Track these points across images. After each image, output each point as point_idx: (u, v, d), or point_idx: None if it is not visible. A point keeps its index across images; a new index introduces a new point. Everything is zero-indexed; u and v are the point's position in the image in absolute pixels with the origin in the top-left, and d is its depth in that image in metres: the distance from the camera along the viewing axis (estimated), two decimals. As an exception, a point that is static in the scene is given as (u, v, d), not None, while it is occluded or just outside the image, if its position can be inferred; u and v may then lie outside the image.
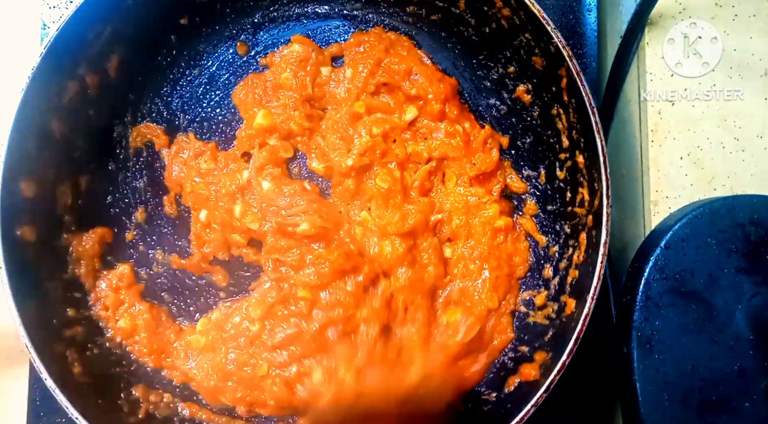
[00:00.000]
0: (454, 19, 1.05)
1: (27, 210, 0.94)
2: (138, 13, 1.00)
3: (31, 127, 0.93)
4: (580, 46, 1.07)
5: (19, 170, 0.92)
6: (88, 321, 1.01)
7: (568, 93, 0.93)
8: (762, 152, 0.97)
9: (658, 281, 0.87)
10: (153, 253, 1.08)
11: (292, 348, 0.99)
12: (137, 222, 1.08)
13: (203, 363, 1.02)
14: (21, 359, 1.08)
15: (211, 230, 1.05)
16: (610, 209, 0.87)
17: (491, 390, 1.01)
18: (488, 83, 1.08)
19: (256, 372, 1.00)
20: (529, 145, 1.07)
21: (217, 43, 1.10)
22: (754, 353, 0.85)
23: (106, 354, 1.01)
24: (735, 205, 0.88)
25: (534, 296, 1.04)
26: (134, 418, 0.97)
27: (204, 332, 1.03)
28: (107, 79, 1.03)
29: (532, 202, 1.06)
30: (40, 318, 0.92)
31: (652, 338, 0.86)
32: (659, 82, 0.99)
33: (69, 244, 1.01)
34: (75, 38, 0.93)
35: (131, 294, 1.04)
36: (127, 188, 1.08)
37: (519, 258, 1.05)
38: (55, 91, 0.96)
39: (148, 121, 1.09)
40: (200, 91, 1.10)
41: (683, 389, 0.85)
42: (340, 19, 1.10)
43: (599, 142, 0.86)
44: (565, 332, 0.91)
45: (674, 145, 0.98)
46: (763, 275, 0.86)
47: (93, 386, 0.95)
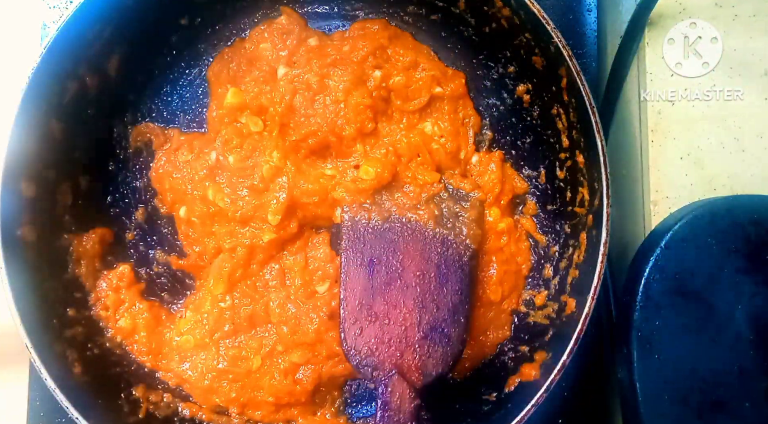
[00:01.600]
0: (454, 19, 1.05)
1: (27, 210, 0.94)
2: (138, 13, 1.00)
3: (31, 127, 0.92)
4: (580, 46, 1.07)
5: (19, 170, 0.92)
6: (88, 321, 1.01)
7: (568, 93, 0.93)
8: (762, 152, 0.97)
9: (658, 281, 0.87)
10: (153, 253, 1.08)
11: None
12: (137, 222, 1.08)
13: (197, 364, 1.02)
14: (21, 359, 1.08)
15: (193, 225, 1.05)
16: (610, 209, 0.87)
17: (491, 390, 1.01)
18: (488, 83, 1.08)
19: (250, 367, 1.00)
20: (529, 145, 1.07)
21: (217, 43, 1.09)
22: (754, 353, 0.85)
23: (106, 354, 1.01)
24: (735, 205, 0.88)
25: (534, 296, 1.04)
26: (134, 418, 0.97)
27: (190, 331, 1.03)
28: (107, 79, 1.03)
29: (532, 202, 1.06)
30: (40, 318, 0.92)
31: (652, 338, 0.86)
32: (659, 82, 0.99)
33: (69, 244, 1.01)
34: (75, 38, 0.93)
35: (131, 294, 1.04)
36: (127, 188, 1.08)
37: (521, 258, 1.05)
38: (55, 91, 0.96)
39: (148, 121, 1.09)
40: (200, 91, 1.10)
41: (683, 389, 0.85)
42: (340, 19, 1.09)
43: (599, 142, 0.86)
44: (565, 332, 0.91)
45: (674, 145, 0.98)
46: (763, 275, 0.86)
47: (93, 386, 0.95)
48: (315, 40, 1.04)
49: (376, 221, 0.98)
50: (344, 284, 0.95)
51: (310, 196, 1.00)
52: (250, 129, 1.03)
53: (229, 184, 1.03)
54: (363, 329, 0.93)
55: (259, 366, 1.00)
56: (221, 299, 1.02)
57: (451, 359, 0.92)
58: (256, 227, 1.02)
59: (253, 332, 1.02)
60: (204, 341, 1.02)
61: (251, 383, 1.01)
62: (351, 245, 0.97)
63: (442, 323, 0.93)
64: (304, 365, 1.01)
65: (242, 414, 1.02)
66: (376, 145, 1.03)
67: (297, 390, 1.00)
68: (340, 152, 1.03)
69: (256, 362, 1.00)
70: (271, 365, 1.01)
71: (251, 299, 1.02)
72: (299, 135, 1.01)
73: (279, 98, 1.01)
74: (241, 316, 1.02)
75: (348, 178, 1.01)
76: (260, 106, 1.03)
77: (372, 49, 1.02)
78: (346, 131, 1.00)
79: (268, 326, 1.02)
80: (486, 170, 1.05)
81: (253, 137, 1.03)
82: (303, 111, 1.01)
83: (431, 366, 0.91)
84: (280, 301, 1.01)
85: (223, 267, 1.02)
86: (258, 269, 1.03)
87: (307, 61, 1.02)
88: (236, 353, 1.01)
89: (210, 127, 1.07)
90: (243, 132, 1.04)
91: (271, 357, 1.01)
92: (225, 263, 1.02)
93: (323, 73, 1.01)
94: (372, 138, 1.03)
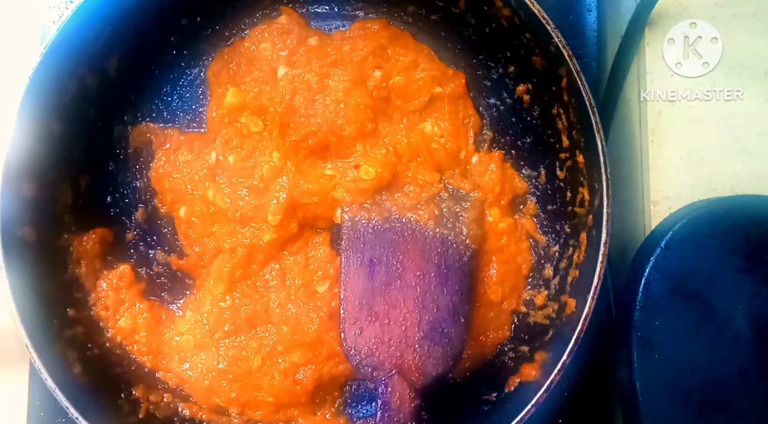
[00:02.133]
0: (454, 19, 1.05)
1: (27, 210, 0.94)
2: (138, 13, 1.00)
3: (31, 127, 0.92)
4: (580, 46, 1.07)
5: (19, 170, 0.92)
6: (88, 321, 1.01)
7: (568, 93, 0.93)
8: (762, 152, 0.97)
9: (658, 281, 0.87)
10: (153, 253, 1.08)
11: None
12: (137, 222, 1.08)
13: (197, 364, 1.02)
14: (21, 359, 1.08)
15: (193, 225, 1.05)
16: (610, 209, 0.87)
17: (491, 390, 1.01)
18: (488, 83, 1.08)
19: (251, 367, 1.00)
20: (529, 145, 1.07)
21: (217, 43, 1.09)
22: (754, 353, 0.85)
23: (106, 354, 1.01)
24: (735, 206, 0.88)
25: (534, 296, 1.04)
26: (134, 418, 0.97)
27: (190, 331, 1.03)
28: (107, 79, 1.03)
29: (532, 202, 1.06)
30: (40, 318, 0.92)
31: (652, 338, 0.86)
32: (659, 82, 0.99)
33: (69, 244, 1.01)
34: (75, 38, 0.93)
35: (132, 294, 1.04)
36: (127, 188, 1.08)
37: (521, 258, 1.05)
38: (55, 91, 0.96)
39: (148, 121, 1.09)
40: (200, 91, 1.10)
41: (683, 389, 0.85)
42: (340, 19, 1.09)
43: (599, 142, 0.86)
44: (565, 332, 0.91)
45: (674, 145, 0.98)
46: (763, 275, 0.86)
47: (93, 386, 0.95)
48: (315, 40, 1.04)
49: (376, 221, 0.98)
50: (344, 284, 0.95)
51: (310, 196, 1.00)
52: (250, 129, 1.03)
53: (229, 184, 1.02)
54: (363, 329, 0.93)
55: (259, 366, 1.00)
56: (221, 299, 1.02)
57: (451, 359, 0.92)
58: (256, 227, 1.01)
59: (253, 332, 1.02)
60: (204, 340, 1.02)
61: (251, 383, 1.01)
62: (351, 245, 0.97)
63: (442, 323, 0.93)
64: (304, 366, 1.00)
65: (242, 414, 1.02)
66: (376, 145, 1.03)
67: (297, 390, 1.00)
68: (340, 152, 1.03)
69: (256, 362, 1.00)
70: (272, 365, 1.01)
71: (251, 299, 1.02)
72: (299, 135, 1.01)
73: (279, 98, 1.01)
74: (241, 316, 1.01)
75: (348, 178, 1.01)
76: (260, 106, 1.03)
77: (372, 49, 1.02)
78: (346, 131, 1.00)
79: (268, 326, 1.02)
80: (486, 170, 1.05)
81: (253, 137, 1.03)
82: (303, 111, 1.01)
83: (431, 366, 0.91)
84: (280, 301, 1.01)
85: (223, 267, 1.02)
86: (258, 269, 1.03)
87: (307, 61, 1.02)
88: (236, 353, 1.01)
89: (210, 127, 1.07)
90: (243, 132, 1.04)
91: (271, 357, 1.01)
92: (225, 263, 1.02)
93: (323, 73, 1.01)
94: (372, 138, 1.03)
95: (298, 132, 1.01)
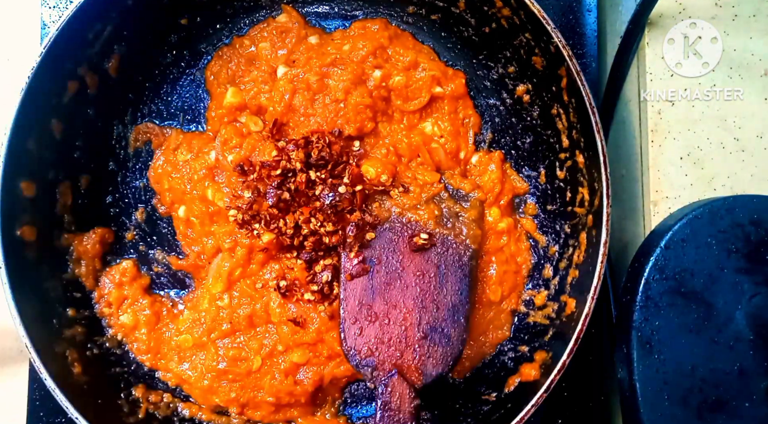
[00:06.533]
0: (454, 19, 1.05)
1: (27, 210, 0.94)
2: (138, 13, 1.00)
3: (31, 127, 0.92)
4: (580, 46, 1.07)
5: (19, 170, 0.92)
6: (89, 321, 1.01)
7: (568, 93, 0.93)
8: (762, 152, 0.97)
9: (658, 281, 0.87)
10: (153, 253, 1.08)
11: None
12: (137, 222, 1.08)
13: (197, 364, 1.02)
14: (21, 359, 1.08)
15: (192, 225, 1.05)
16: (610, 209, 0.87)
17: (491, 390, 1.01)
18: (488, 83, 1.08)
19: (251, 367, 1.00)
20: (529, 145, 1.07)
21: (217, 42, 1.09)
22: (754, 353, 0.85)
23: (105, 354, 1.01)
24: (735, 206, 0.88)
25: (534, 296, 1.04)
26: (134, 418, 0.97)
27: (188, 329, 1.03)
28: (107, 79, 1.03)
29: (532, 202, 1.06)
30: (40, 318, 0.92)
31: (652, 338, 0.86)
32: (659, 82, 0.99)
33: (69, 244, 1.01)
34: (75, 38, 0.93)
35: (134, 289, 1.04)
36: (127, 188, 1.08)
37: (521, 258, 1.05)
38: (55, 91, 0.96)
39: (148, 121, 1.09)
40: (200, 90, 1.10)
41: (683, 389, 0.85)
42: (340, 19, 1.09)
43: (599, 142, 0.86)
44: (565, 332, 0.91)
45: (674, 145, 0.98)
46: (763, 275, 0.86)
47: (93, 386, 0.95)
48: (315, 39, 1.04)
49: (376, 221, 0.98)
50: (344, 284, 0.95)
51: (309, 196, 1.00)
52: (250, 128, 1.03)
53: (229, 184, 1.02)
54: (363, 329, 0.93)
55: (259, 366, 1.00)
56: (219, 298, 1.02)
57: (451, 359, 0.92)
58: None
59: (253, 331, 1.02)
60: (201, 340, 1.02)
61: (251, 384, 1.01)
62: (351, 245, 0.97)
63: (442, 323, 0.93)
64: (305, 367, 1.00)
65: (242, 414, 1.02)
66: (376, 145, 1.03)
67: (297, 390, 1.00)
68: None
69: (256, 362, 1.00)
70: (272, 365, 1.01)
71: (251, 298, 1.02)
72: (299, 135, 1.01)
73: (278, 98, 1.01)
74: (240, 315, 1.01)
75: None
76: (260, 106, 1.03)
77: (372, 49, 1.02)
78: (346, 131, 1.00)
79: (268, 325, 1.02)
80: (486, 170, 1.05)
81: (253, 137, 1.03)
82: (303, 111, 1.01)
83: (431, 366, 0.91)
84: (280, 301, 1.01)
85: (222, 266, 1.02)
86: (257, 268, 1.03)
87: (306, 60, 1.02)
88: (236, 353, 1.01)
89: (209, 127, 1.07)
90: (242, 132, 1.04)
91: (272, 357, 1.01)
92: (224, 263, 1.02)
93: (323, 72, 1.01)
94: (372, 138, 1.03)
95: (297, 132, 1.01)
